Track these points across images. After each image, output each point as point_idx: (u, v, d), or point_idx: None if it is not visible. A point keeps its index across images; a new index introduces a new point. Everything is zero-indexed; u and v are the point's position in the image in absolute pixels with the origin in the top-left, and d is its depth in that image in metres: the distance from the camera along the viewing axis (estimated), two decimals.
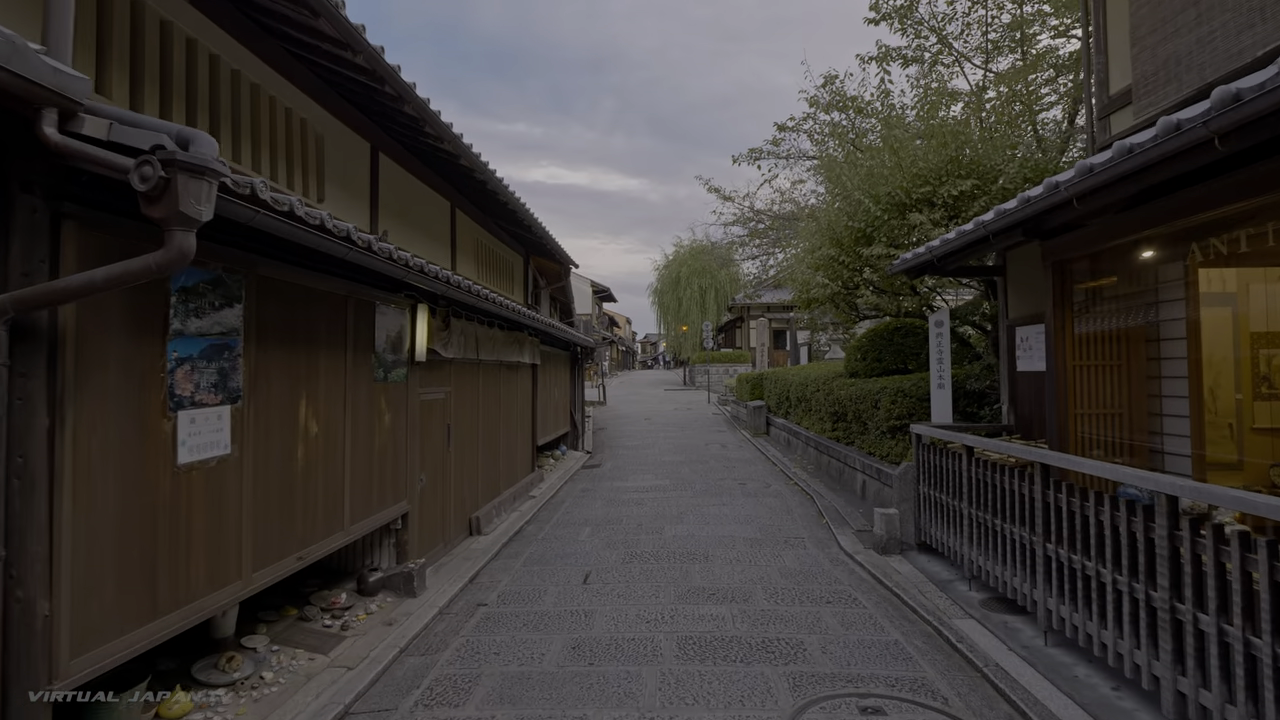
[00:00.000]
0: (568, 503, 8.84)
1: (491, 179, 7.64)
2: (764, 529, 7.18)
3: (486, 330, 7.41)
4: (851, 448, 9.57)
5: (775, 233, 17.23)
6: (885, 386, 8.25)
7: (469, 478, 7.02)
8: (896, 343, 9.72)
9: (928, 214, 6.64)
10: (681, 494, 9.16)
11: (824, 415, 11.03)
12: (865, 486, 8.42)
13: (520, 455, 9.32)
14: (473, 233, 9.61)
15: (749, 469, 11.29)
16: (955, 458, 5.36)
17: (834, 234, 7.70)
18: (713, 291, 31.71)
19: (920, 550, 6.08)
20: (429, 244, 7.73)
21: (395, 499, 5.16)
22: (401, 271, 4.06)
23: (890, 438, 8.12)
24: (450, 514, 6.41)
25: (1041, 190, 3.79)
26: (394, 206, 6.72)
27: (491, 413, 7.92)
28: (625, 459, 12.65)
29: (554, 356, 12.15)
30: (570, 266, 13.69)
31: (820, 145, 8.99)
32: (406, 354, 5.35)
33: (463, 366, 6.85)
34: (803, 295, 9.04)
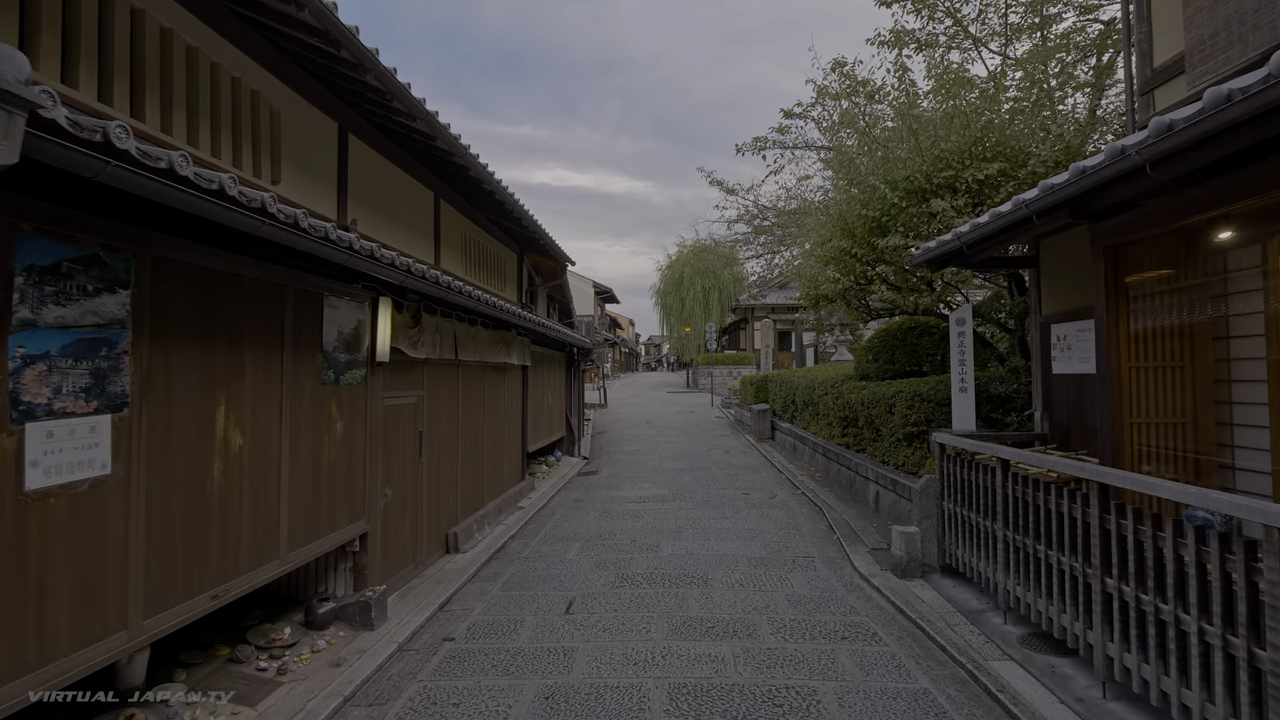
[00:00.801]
0: (558, 514, 8.22)
1: (474, 164, 7.05)
2: (769, 546, 6.55)
3: (467, 329, 6.80)
4: (863, 455, 8.93)
5: (781, 230, 16.57)
6: (900, 390, 7.62)
7: (446, 490, 6.42)
8: (910, 343, 9.09)
9: (950, 200, 6.01)
10: (681, 505, 8.54)
11: (833, 420, 10.39)
12: (879, 498, 7.78)
13: (508, 463, 8.71)
14: (459, 226, 9.02)
15: (753, 477, 10.65)
16: (986, 472, 4.73)
17: (846, 224, 7.07)
18: (716, 292, 31.04)
19: (944, 573, 5.44)
20: (409, 236, 7.14)
21: (351, 518, 4.55)
22: (343, 255, 3.46)
23: (906, 445, 7.49)
24: (422, 531, 5.80)
25: (1103, 158, 3.16)
26: (367, 194, 6.13)
27: (474, 418, 7.31)
28: (623, 465, 12.03)
29: (548, 358, 11.55)
30: (566, 263, 13.08)
31: (831, 133, 8.36)
32: (366, 353, 4.75)
33: (438, 368, 6.24)
34: (811, 292, 8.41)
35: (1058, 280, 5.37)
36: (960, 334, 6.77)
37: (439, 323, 6.04)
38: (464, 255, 9.28)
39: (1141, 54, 5.56)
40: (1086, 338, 4.97)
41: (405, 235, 7.04)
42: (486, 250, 10.50)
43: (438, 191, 8.19)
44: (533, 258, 13.56)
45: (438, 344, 5.96)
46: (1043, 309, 5.59)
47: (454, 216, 8.86)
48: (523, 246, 12.85)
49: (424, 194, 7.74)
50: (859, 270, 7.06)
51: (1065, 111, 7.69)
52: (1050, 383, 5.49)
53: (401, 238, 6.89)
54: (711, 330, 26.95)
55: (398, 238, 6.80)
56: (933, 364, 8.97)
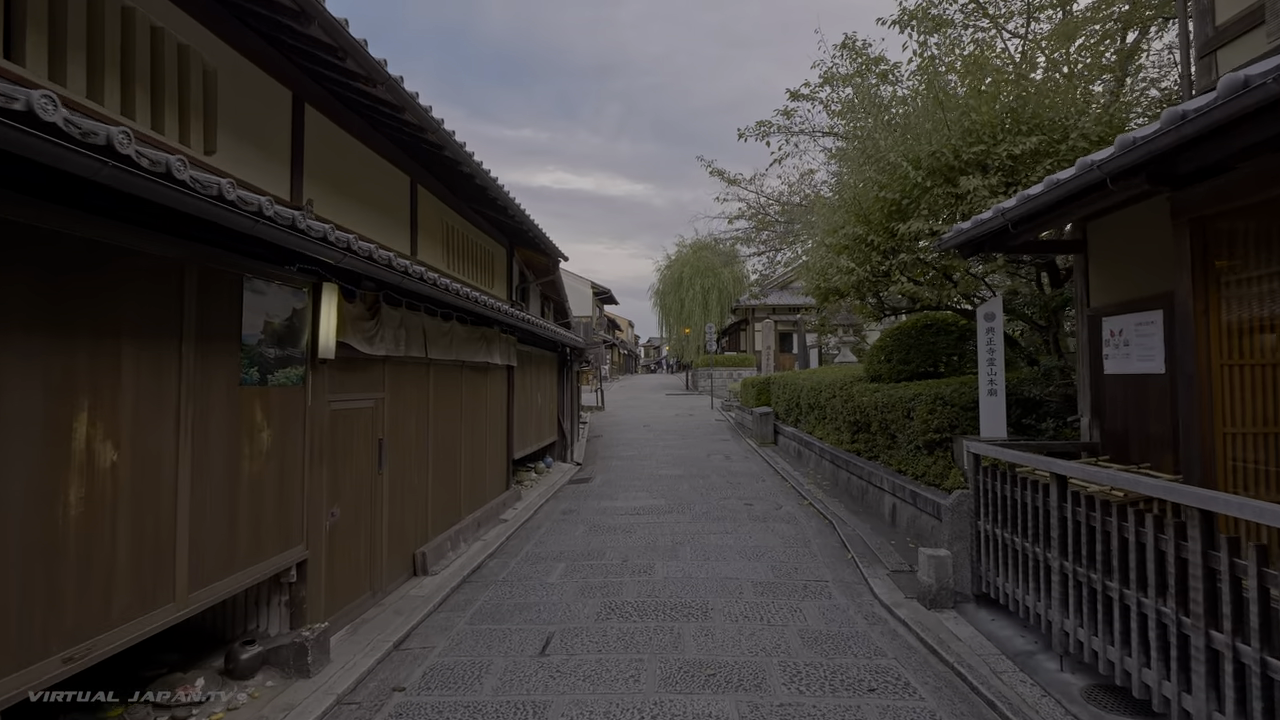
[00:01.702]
0: (544, 528, 7.50)
1: (449, 142, 6.34)
2: (777, 567, 5.83)
3: (440, 324, 6.09)
4: (875, 463, 8.22)
5: (783, 225, 15.87)
6: (919, 393, 6.91)
7: (413, 505, 5.70)
8: (926, 342, 8.39)
9: (981, 179, 5.31)
10: (679, 518, 7.82)
11: (841, 425, 9.68)
12: (896, 511, 7.06)
13: (491, 472, 7.99)
14: (440, 215, 8.32)
15: (756, 485, 9.94)
16: (1033, 489, 4.02)
17: (861, 209, 6.37)
18: (716, 292, 30.31)
19: (979, 603, 4.73)
20: (381, 223, 6.44)
21: (283, 544, 3.84)
22: (248, 223, 2.75)
23: (926, 454, 6.78)
24: (382, 553, 5.09)
25: (1217, 94, 2.45)
26: (328, 173, 5.43)
27: (449, 423, 6.60)
28: (618, 472, 11.31)
29: (538, 358, 10.84)
30: (558, 258, 12.38)
31: (843, 115, 7.65)
32: (305, 349, 4.04)
33: (404, 367, 5.54)
34: (820, 285, 7.71)
35: (1111, 267, 4.67)
36: (989, 330, 6.07)
37: (404, 316, 5.33)
38: (445, 247, 8.58)
39: (1201, 11, 4.88)
40: (1150, 332, 4.27)
41: (376, 222, 6.34)
42: (472, 243, 9.79)
43: (415, 176, 7.51)
44: (523, 253, 12.85)
45: (402, 340, 5.25)
46: (1090, 301, 4.88)
47: (434, 205, 8.16)
48: (512, 241, 12.15)
49: (398, 179, 7.05)
50: (876, 261, 6.35)
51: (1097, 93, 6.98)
52: (1101, 385, 4.78)
53: (371, 224, 6.20)
54: (711, 331, 26.24)
55: (367, 224, 6.11)
56: (950, 364, 8.26)
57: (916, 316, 8.96)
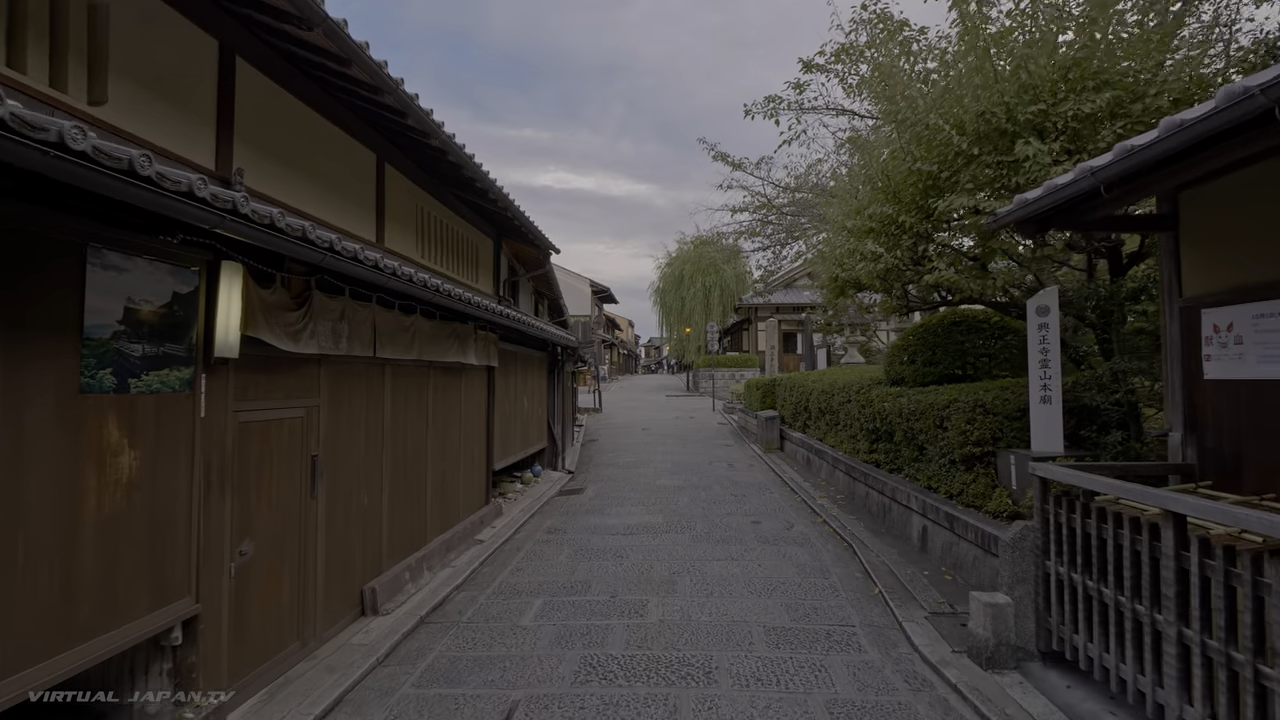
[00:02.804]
0: (524, 551, 6.60)
1: (414, 110, 5.45)
2: (794, 607, 4.93)
3: (396, 317, 5.20)
4: (899, 477, 7.32)
5: (790, 215, 14.95)
6: (955, 400, 6.01)
7: (362, 531, 4.81)
8: (955, 340, 7.48)
9: (1038, 144, 4.41)
10: (677, 539, 6.92)
11: (857, 433, 8.78)
12: (927, 535, 6.16)
13: (466, 486, 7.10)
14: (412, 199, 7.44)
15: (763, 499, 9.03)
16: (1131, 527, 3.12)
17: (890, 185, 5.47)
18: (718, 290, 29.39)
19: (1048, 662, 3.83)
20: (339, 204, 5.57)
21: (158, 599, 2.95)
22: (35, 157, 1.86)
23: (964, 470, 5.87)
24: (315, 593, 4.19)
25: None
26: (266, 140, 4.56)
27: (411, 433, 5.71)
28: (613, 482, 10.41)
29: (524, 358, 9.94)
30: (550, 251, 11.48)
31: (871, 83, 6.72)
32: (195, 344, 3.15)
33: (349, 368, 4.65)
34: (837, 277, 6.80)
35: (1213, 246, 3.77)
36: (1042, 327, 5.17)
37: (348, 307, 4.44)
38: (419, 234, 7.69)
39: None
40: (1277, 326, 3.37)
41: (333, 203, 5.47)
42: (452, 232, 8.90)
43: (381, 154, 6.64)
44: (512, 245, 11.97)
45: (343, 335, 4.35)
46: (1183, 289, 3.97)
47: (405, 188, 7.28)
48: (500, 231, 11.26)
49: (361, 155, 6.18)
50: (908, 244, 5.44)
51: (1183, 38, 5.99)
52: (1198, 393, 3.87)
53: (327, 205, 5.32)
54: (713, 330, 25.34)
55: (322, 205, 5.24)
56: (980, 366, 7.36)
57: (944, 312, 8.05)
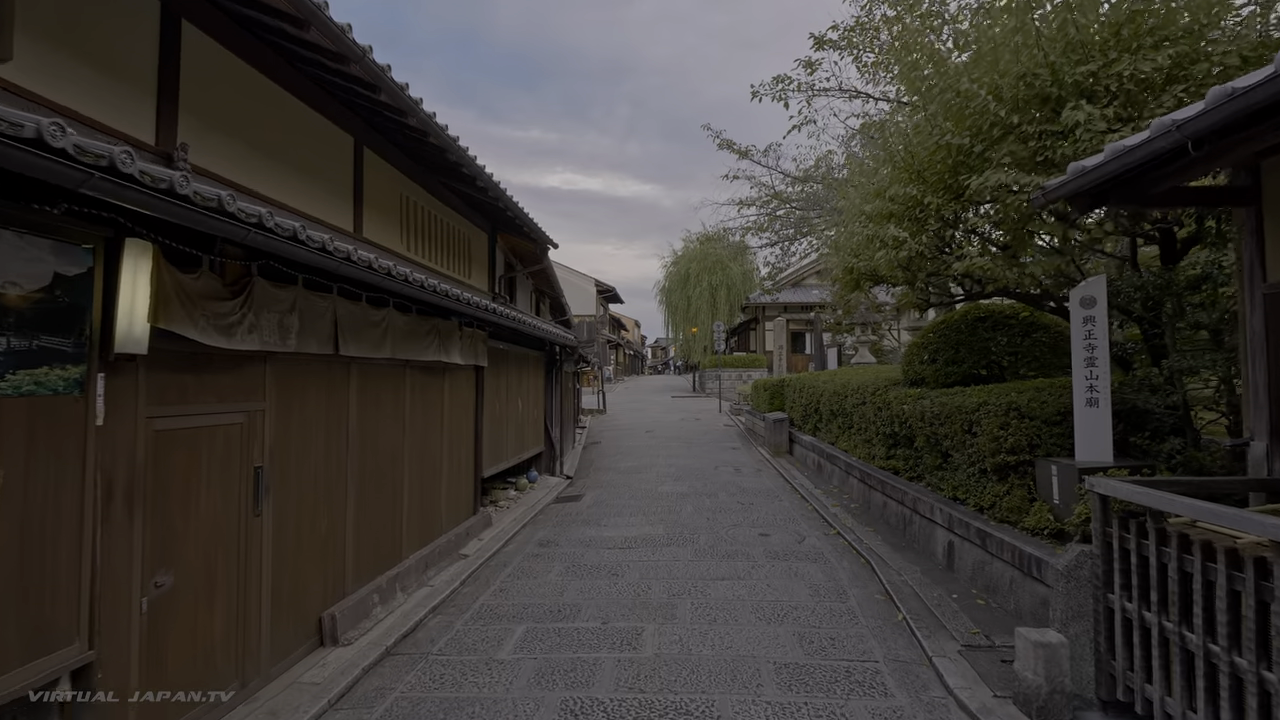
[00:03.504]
0: (511, 567, 6.06)
1: (387, 83, 4.93)
2: (807, 638, 4.36)
3: (363, 311, 4.68)
4: (920, 486, 6.74)
5: (799, 209, 14.36)
6: (985, 402, 5.42)
7: (319, 552, 4.28)
8: (979, 338, 6.89)
9: (1090, 108, 3.83)
10: (679, 553, 6.36)
11: (873, 437, 8.19)
12: (954, 551, 5.57)
13: (449, 496, 6.57)
14: (396, 188, 6.94)
15: (771, 507, 8.46)
16: (1229, 561, 2.55)
17: (914, 163, 4.90)
18: (724, 289, 28.80)
19: (1110, 713, 3.25)
20: (308, 189, 5.08)
21: (38, 647, 2.42)
22: None
23: (996, 480, 5.28)
24: (259, 625, 3.66)
25: None
26: (220, 114, 4.07)
27: (384, 439, 5.18)
28: (613, 488, 9.86)
29: (518, 357, 9.41)
30: (547, 245, 10.95)
31: (893, 53, 6.14)
32: (89, 337, 2.62)
33: (304, 367, 4.12)
34: (853, 268, 6.23)
35: None
36: (1088, 320, 4.60)
37: (300, 297, 3.91)
38: (404, 225, 7.19)
39: None
40: None
41: (301, 188, 4.97)
42: (442, 224, 8.39)
43: (360, 137, 6.15)
44: (508, 240, 11.45)
45: (293, 329, 3.82)
46: (1268, 272, 3.39)
47: (387, 175, 6.79)
48: (495, 225, 10.74)
49: (336, 138, 5.70)
50: (935, 228, 4.86)
51: None
52: None
53: (294, 190, 4.83)
54: (719, 329, 24.75)
55: (288, 189, 4.75)
56: (1005, 366, 6.77)
57: (966, 307, 7.47)
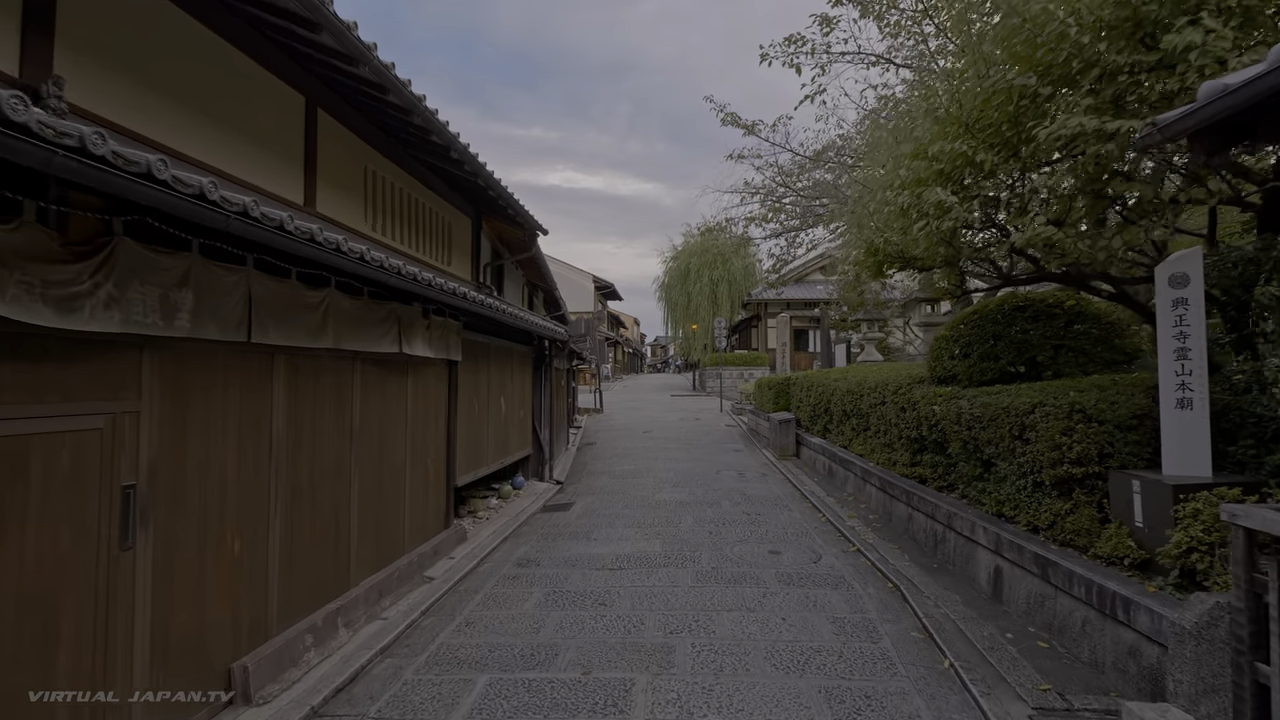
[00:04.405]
0: (483, 594, 5.21)
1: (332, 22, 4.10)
2: (836, 695, 3.51)
3: (291, 289, 3.82)
4: (953, 498, 5.90)
5: (806, 199, 13.49)
6: (1041, 402, 4.58)
7: (228, 589, 3.43)
8: (1018, 330, 6.04)
9: (1211, 21, 2.98)
10: (678, 576, 5.51)
11: (895, 441, 7.35)
12: (1003, 580, 4.72)
13: (415, 509, 5.72)
14: (359, 159, 6.11)
15: (781, 518, 7.61)
16: None
17: (962, 114, 4.05)
18: (726, 285, 27.95)
19: None
20: (244, 151, 4.25)
21: None
22: None
23: (1057, 496, 4.44)
24: (133, 690, 2.81)
25: None
26: (118, 54, 3.25)
27: (326, 445, 4.33)
28: (606, 495, 9.01)
29: (501, 352, 8.56)
30: (536, 231, 10.10)
31: (901, 29, 5.35)
32: None
33: (202, 357, 3.27)
34: (880, 248, 5.38)
35: None
36: (1178, 303, 3.78)
37: (194, 267, 3.05)
38: (369, 202, 6.36)
39: None
40: None
41: (235, 149, 4.14)
42: (417, 205, 7.56)
43: (313, 97, 5.35)
44: (495, 226, 10.60)
45: (184, 307, 2.97)
46: None
47: (347, 144, 5.97)
48: (479, 209, 9.90)
49: (280, 94, 4.90)
50: (987, 193, 4.01)
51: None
52: None
53: (218, 148, 4.00)
54: (721, 326, 23.90)
55: (210, 147, 3.91)
56: (1040, 362, 5.93)
57: (1002, 295, 6.63)
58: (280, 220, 2.96)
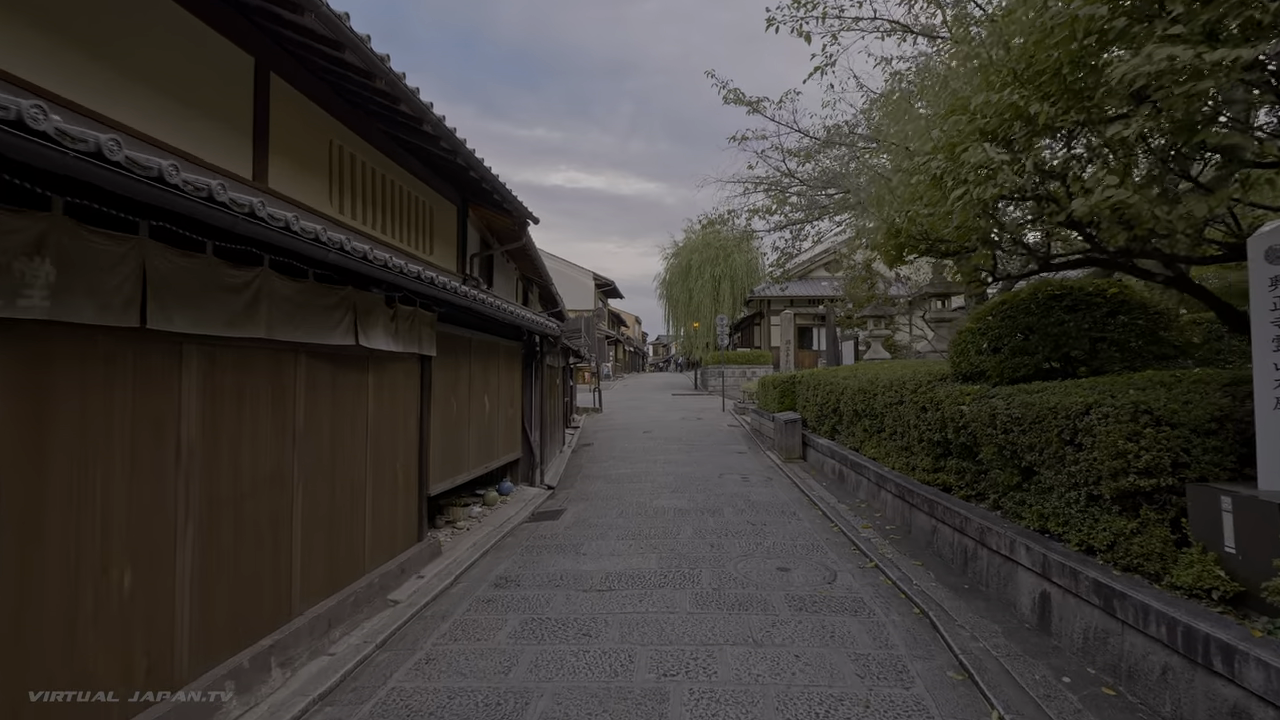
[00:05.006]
0: (450, 622, 4.56)
1: None
2: None
3: (208, 265, 3.17)
4: (984, 509, 5.25)
5: (816, 185, 12.81)
6: (1097, 402, 3.91)
7: (117, 628, 2.78)
8: (1055, 322, 5.39)
9: None
10: (675, 599, 4.86)
11: (914, 444, 6.68)
12: (1050, 607, 4.06)
13: (379, 523, 5.07)
14: (322, 133, 5.50)
15: (788, 528, 6.95)
16: None
17: (1012, 59, 3.38)
18: (728, 281, 27.28)
19: None
20: (184, 118, 3.62)
21: None
22: None
23: (1119, 512, 3.77)
24: None
25: None
26: None
27: (257, 450, 3.69)
28: (600, 502, 8.36)
29: (484, 347, 7.91)
30: (526, 219, 9.44)
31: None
32: None
33: (79, 344, 2.62)
34: (907, 226, 4.73)
35: None
36: (1277, 281, 3.10)
37: (52, 231, 2.41)
38: (334, 182, 5.74)
39: None
40: None
41: (168, 113, 3.50)
42: (394, 188, 6.94)
43: (264, 58, 4.73)
44: (483, 214, 9.96)
45: (40, 282, 2.32)
46: None
47: (308, 114, 5.37)
48: (465, 195, 9.26)
49: (224, 53, 4.28)
50: (1037, 153, 3.34)
51: None
52: None
53: (158, 116, 3.36)
54: (723, 323, 23.22)
55: (149, 116, 3.28)
56: (1076, 357, 5.27)
57: (1034, 283, 5.97)
58: (159, 170, 2.31)
